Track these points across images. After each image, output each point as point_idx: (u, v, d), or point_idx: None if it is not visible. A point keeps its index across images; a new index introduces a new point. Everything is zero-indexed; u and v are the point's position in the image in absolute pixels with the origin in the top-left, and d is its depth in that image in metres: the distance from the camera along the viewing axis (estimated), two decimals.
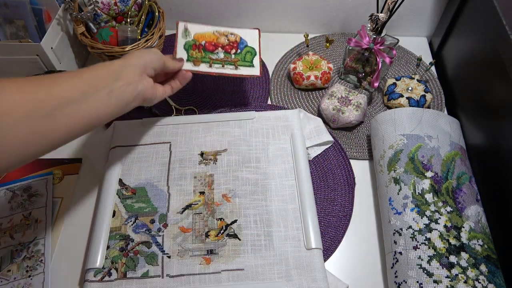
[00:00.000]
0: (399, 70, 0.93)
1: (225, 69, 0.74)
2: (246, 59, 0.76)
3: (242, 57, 0.76)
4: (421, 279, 0.55)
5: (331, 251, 0.67)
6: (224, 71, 0.74)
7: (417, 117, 0.69)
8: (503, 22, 0.65)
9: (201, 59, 0.74)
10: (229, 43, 0.76)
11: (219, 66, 0.74)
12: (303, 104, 0.86)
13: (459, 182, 0.63)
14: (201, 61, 0.74)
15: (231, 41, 0.77)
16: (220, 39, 0.77)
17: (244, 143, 0.74)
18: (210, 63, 0.74)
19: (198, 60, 0.74)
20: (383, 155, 0.69)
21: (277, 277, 0.60)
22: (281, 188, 0.69)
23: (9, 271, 0.64)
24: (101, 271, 0.61)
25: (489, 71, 0.71)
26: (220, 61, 0.75)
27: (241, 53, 0.77)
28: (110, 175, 0.70)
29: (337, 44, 0.98)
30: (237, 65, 0.75)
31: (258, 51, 0.78)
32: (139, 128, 0.77)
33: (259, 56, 0.77)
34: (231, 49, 0.76)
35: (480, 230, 0.59)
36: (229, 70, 0.75)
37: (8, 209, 0.70)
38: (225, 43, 0.76)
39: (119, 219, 0.66)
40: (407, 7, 0.92)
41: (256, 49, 0.78)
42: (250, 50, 0.77)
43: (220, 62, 0.75)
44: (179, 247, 0.63)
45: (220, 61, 0.75)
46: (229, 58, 0.75)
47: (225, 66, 0.75)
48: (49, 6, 0.84)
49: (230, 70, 0.75)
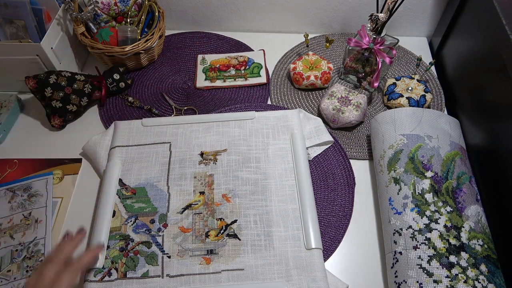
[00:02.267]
0: (399, 70, 0.93)
1: (237, 81, 0.89)
2: (254, 72, 0.90)
3: (250, 71, 0.90)
4: (421, 279, 0.55)
5: (331, 251, 0.67)
6: (235, 84, 0.89)
7: (417, 117, 0.69)
8: (503, 22, 0.65)
9: (216, 77, 0.89)
10: (239, 63, 0.91)
11: (232, 80, 0.89)
12: (303, 104, 0.86)
13: (459, 182, 0.63)
14: (217, 79, 0.89)
15: (240, 62, 0.91)
16: (231, 61, 0.91)
17: (244, 143, 0.74)
18: (224, 79, 0.89)
19: (214, 78, 0.89)
20: (383, 155, 0.69)
21: (277, 277, 0.60)
22: (281, 188, 0.69)
23: (9, 271, 0.64)
24: (101, 271, 0.61)
25: (489, 71, 0.71)
26: (232, 77, 0.89)
27: (249, 68, 0.91)
28: (110, 175, 0.70)
29: (337, 44, 0.98)
30: (247, 78, 0.89)
31: (264, 65, 0.91)
32: (139, 128, 0.77)
33: (265, 68, 0.91)
34: (240, 67, 0.91)
35: (480, 230, 0.59)
36: (240, 82, 0.89)
37: (8, 209, 0.70)
38: (235, 63, 0.91)
39: (119, 219, 0.66)
40: (407, 7, 0.92)
41: (262, 64, 0.92)
42: (257, 65, 0.91)
43: (232, 77, 0.89)
44: (179, 247, 0.63)
45: (232, 76, 0.89)
46: (239, 74, 0.89)
47: (236, 79, 0.89)
48: (49, 6, 0.84)
49: (240, 81, 0.89)
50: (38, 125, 0.83)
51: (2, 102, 0.83)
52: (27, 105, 0.87)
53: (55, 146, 0.80)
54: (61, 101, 0.79)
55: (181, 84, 0.90)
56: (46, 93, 0.77)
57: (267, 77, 0.89)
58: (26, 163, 0.77)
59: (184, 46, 0.98)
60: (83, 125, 0.83)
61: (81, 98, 0.81)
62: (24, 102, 0.87)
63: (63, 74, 0.80)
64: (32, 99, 0.86)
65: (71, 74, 0.81)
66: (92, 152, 0.76)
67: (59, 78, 0.79)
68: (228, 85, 0.88)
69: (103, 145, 0.76)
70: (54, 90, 0.78)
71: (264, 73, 0.90)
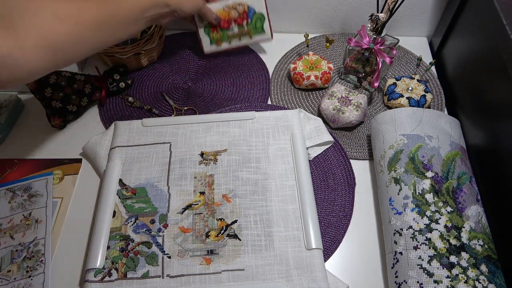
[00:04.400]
0: (399, 70, 0.93)
1: (242, 41, 0.89)
2: (257, 27, 0.88)
3: (253, 26, 0.88)
4: (422, 279, 0.55)
5: (331, 251, 0.67)
6: (241, 43, 0.89)
7: (417, 117, 0.69)
8: (503, 22, 0.65)
9: (221, 39, 0.88)
10: (239, 15, 0.86)
11: (237, 40, 0.88)
12: (303, 104, 0.86)
13: (460, 182, 0.63)
14: (222, 41, 0.88)
15: (240, 13, 0.86)
16: (231, 14, 0.86)
17: (244, 143, 0.74)
18: (229, 40, 0.88)
19: (220, 40, 0.88)
20: (383, 155, 0.69)
21: (278, 277, 0.60)
22: (281, 188, 0.69)
23: (9, 272, 0.64)
24: (101, 271, 0.61)
25: (489, 71, 0.71)
26: (237, 35, 0.88)
27: (251, 22, 0.87)
28: (110, 175, 0.70)
29: (337, 44, 0.98)
30: (251, 35, 0.88)
31: (266, 15, 0.88)
32: (139, 128, 0.77)
33: (267, 20, 0.88)
34: (242, 20, 0.87)
35: (481, 230, 0.59)
36: (245, 41, 0.89)
37: (8, 209, 0.70)
38: (236, 16, 0.86)
39: (119, 219, 0.66)
40: (407, 7, 0.92)
41: (264, 13, 0.88)
42: (259, 17, 0.88)
43: (236, 36, 0.88)
44: (179, 247, 0.63)
45: (236, 35, 0.88)
46: (243, 31, 0.87)
47: (241, 39, 0.89)
48: None
49: (246, 41, 0.89)
50: (38, 125, 0.83)
51: (2, 102, 0.83)
52: (27, 105, 0.87)
53: (55, 146, 0.80)
54: (61, 101, 0.79)
55: (181, 84, 0.90)
56: (46, 93, 0.77)
57: (271, 31, 0.89)
58: (26, 163, 0.77)
59: (184, 46, 0.98)
60: (83, 125, 0.83)
61: (81, 98, 0.81)
62: (24, 102, 0.87)
63: (63, 74, 0.80)
64: (32, 99, 0.86)
65: (71, 74, 0.81)
66: (92, 152, 0.76)
67: (59, 78, 0.79)
68: (235, 46, 0.89)
69: (103, 145, 0.76)
70: (54, 90, 0.78)
71: (268, 27, 0.88)
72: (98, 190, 0.74)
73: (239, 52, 0.96)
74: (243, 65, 0.94)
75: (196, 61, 0.95)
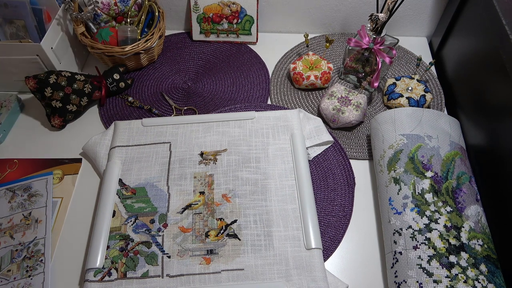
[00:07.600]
0: (399, 70, 0.93)
1: (228, 37, 0.96)
2: (245, 28, 0.94)
3: (242, 26, 0.94)
4: (421, 279, 0.55)
5: (331, 251, 0.67)
6: (227, 40, 0.96)
7: (417, 117, 0.69)
8: (503, 22, 0.65)
9: (210, 30, 0.94)
10: (232, 13, 0.92)
11: (224, 35, 0.95)
12: (303, 104, 0.86)
13: (459, 182, 0.63)
14: (211, 33, 0.95)
15: (233, 11, 0.92)
16: (224, 10, 0.92)
17: (244, 143, 0.74)
18: (218, 34, 0.95)
19: (208, 31, 0.95)
20: (383, 155, 0.69)
21: (277, 277, 0.60)
22: (281, 188, 0.69)
23: (9, 271, 0.64)
24: (101, 271, 0.61)
25: (489, 71, 0.71)
26: (225, 31, 0.95)
27: (241, 22, 0.93)
28: (110, 175, 0.70)
29: (337, 44, 0.98)
30: (238, 34, 0.95)
31: (256, 19, 0.93)
32: (139, 128, 0.77)
33: (256, 23, 0.94)
34: (233, 19, 0.93)
35: (480, 230, 0.59)
36: (231, 38, 0.96)
37: (8, 209, 0.70)
38: (228, 14, 0.92)
39: (119, 219, 0.66)
40: (407, 7, 0.92)
41: (254, 17, 0.93)
42: (249, 19, 0.93)
43: (225, 32, 0.95)
44: (179, 247, 0.63)
45: (225, 31, 0.95)
46: (232, 28, 0.94)
47: (229, 35, 0.95)
48: (49, 6, 0.84)
49: (232, 38, 0.96)
50: (38, 125, 0.83)
51: (2, 102, 0.83)
52: (27, 105, 0.87)
53: (55, 146, 0.80)
54: (61, 101, 0.79)
55: (181, 84, 0.90)
56: (46, 93, 0.77)
57: (257, 35, 0.95)
58: (26, 163, 0.77)
59: (184, 46, 0.98)
60: (83, 125, 0.83)
61: (81, 98, 0.81)
62: (24, 102, 0.87)
63: (63, 74, 0.80)
64: (32, 99, 0.86)
65: (71, 74, 0.81)
66: (92, 152, 0.76)
67: (59, 78, 0.79)
68: (221, 40, 0.96)
69: (103, 145, 0.76)
70: (54, 90, 0.78)
71: (255, 30, 0.94)
72: (98, 190, 0.74)
73: (239, 52, 0.96)
74: (243, 65, 0.94)
75: (196, 61, 0.95)
